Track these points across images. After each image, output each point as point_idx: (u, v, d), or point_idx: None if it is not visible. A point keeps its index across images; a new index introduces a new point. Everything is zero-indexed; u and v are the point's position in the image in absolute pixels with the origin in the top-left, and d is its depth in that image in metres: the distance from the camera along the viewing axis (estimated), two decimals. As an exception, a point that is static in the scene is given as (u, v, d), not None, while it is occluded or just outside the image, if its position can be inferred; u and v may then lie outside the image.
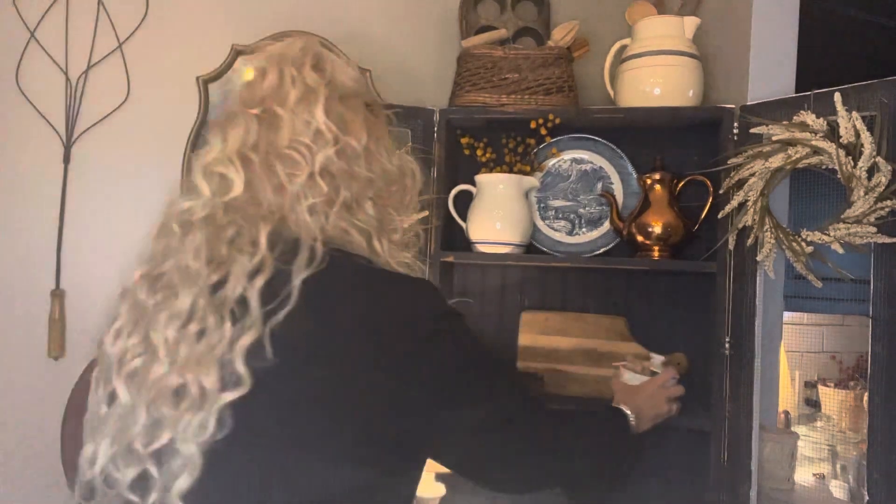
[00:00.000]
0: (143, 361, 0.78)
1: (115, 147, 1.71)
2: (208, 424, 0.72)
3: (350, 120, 0.87)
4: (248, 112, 0.85)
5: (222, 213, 0.81)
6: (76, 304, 1.69)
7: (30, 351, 1.67)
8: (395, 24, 1.79)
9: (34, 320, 1.67)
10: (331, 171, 0.83)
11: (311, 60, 0.88)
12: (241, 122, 0.84)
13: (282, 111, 0.84)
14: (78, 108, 1.70)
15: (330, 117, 0.84)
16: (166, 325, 0.77)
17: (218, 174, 0.83)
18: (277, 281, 0.76)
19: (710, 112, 1.52)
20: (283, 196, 0.81)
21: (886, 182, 1.20)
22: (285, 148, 0.82)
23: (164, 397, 0.75)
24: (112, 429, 0.78)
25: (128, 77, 1.72)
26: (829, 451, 1.77)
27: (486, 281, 1.76)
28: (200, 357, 0.74)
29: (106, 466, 0.77)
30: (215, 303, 0.76)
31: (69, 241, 1.69)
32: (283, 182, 0.81)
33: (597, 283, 1.70)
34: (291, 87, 0.85)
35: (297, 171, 0.81)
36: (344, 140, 0.84)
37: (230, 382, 0.73)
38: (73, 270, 1.69)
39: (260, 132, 0.83)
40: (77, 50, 1.70)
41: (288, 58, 0.88)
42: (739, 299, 1.43)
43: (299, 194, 0.81)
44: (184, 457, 0.73)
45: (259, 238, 0.78)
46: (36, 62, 1.69)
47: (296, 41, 0.90)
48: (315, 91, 0.85)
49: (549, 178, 1.69)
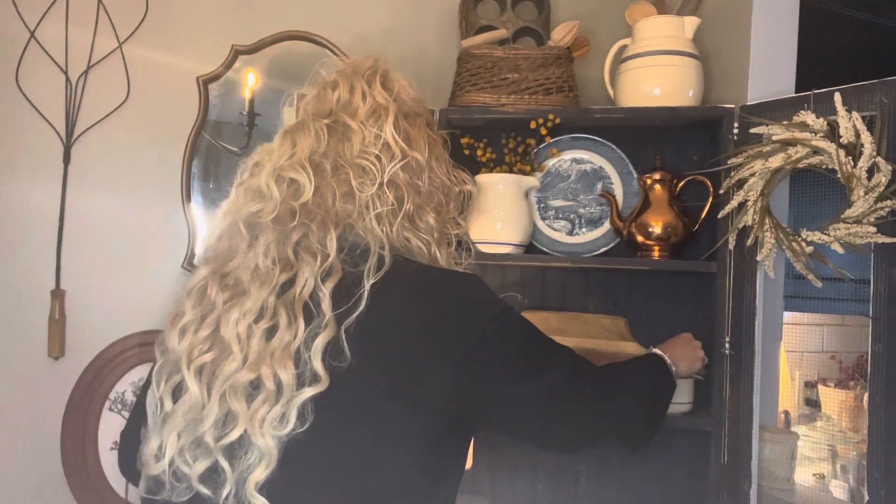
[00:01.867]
0: (212, 357, 0.81)
1: (115, 147, 1.71)
2: (289, 418, 0.76)
3: (414, 136, 0.93)
4: (319, 121, 0.90)
5: (290, 215, 0.85)
6: (76, 304, 1.69)
7: (30, 351, 1.67)
8: (395, 24, 1.79)
9: (34, 320, 1.67)
10: (397, 182, 0.89)
11: (381, 78, 0.95)
12: (312, 131, 0.89)
13: (353, 123, 0.89)
14: (78, 108, 1.70)
15: (397, 132, 0.90)
16: (238, 321, 0.81)
17: (288, 178, 0.87)
18: (348, 283, 0.80)
19: (710, 112, 1.52)
20: (352, 203, 0.87)
21: (886, 182, 1.20)
22: (356, 158, 0.88)
23: (237, 391, 0.78)
24: (180, 423, 0.80)
25: (128, 77, 1.72)
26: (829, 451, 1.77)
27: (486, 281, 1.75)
28: (275, 352, 0.78)
29: (174, 460, 0.80)
30: (285, 301, 0.80)
31: (69, 241, 1.69)
32: (353, 190, 0.87)
33: (597, 283, 1.70)
34: (362, 101, 0.91)
35: (367, 181, 0.87)
36: (410, 154, 0.90)
37: (308, 379, 0.77)
38: (73, 270, 1.69)
39: (329, 141, 0.89)
40: (77, 50, 1.70)
41: (359, 74, 0.94)
42: (739, 299, 1.43)
43: (368, 203, 0.86)
44: (260, 450, 0.76)
45: (328, 242, 0.83)
46: (36, 62, 1.69)
47: (367, 59, 0.97)
48: (385, 107, 0.92)
49: (549, 178, 1.69)
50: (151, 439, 0.82)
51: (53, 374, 1.67)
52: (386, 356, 0.79)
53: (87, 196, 1.70)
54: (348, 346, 0.77)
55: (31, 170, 1.69)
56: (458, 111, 1.60)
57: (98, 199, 1.71)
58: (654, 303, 1.66)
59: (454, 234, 0.97)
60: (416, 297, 0.83)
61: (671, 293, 1.65)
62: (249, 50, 1.74)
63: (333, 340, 0.77)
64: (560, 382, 0.90)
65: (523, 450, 1.65)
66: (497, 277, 1.75)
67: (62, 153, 1.69)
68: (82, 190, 1.70)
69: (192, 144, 1.72)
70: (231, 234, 0.88)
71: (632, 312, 1.66)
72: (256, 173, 0.90)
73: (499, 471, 1.69)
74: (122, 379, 1.69)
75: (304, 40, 1.75)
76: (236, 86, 1.74)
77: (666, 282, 1.66)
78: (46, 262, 1.68)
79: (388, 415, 0.78)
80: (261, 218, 0.86)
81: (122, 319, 1.68)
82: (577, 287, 1.71)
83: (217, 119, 1.74)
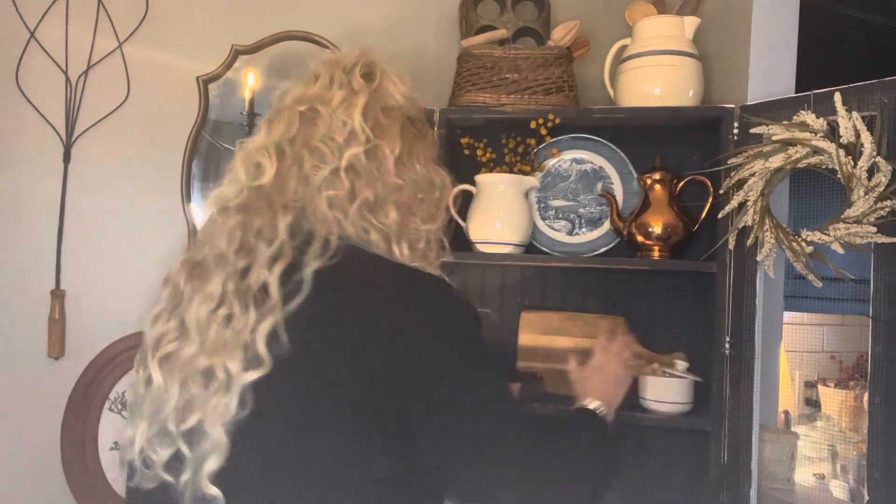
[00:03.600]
0: (177, 345, 0.81)
1: (115, 147, 1.71)
2: (231, 406, 0.75)
3: (387, 126, 0.90)
4: (294, 109, 0.90)
5: (253, 199, 0.85)
6: (76, 304, 1.69)
7: (30, 351, 1.67)
8: (395, 23, 1.79)
9: (34, 320, 1.67)
10: (356, 169, 0.86)
11: (363, 69, 0.93)
12: (286, 117, 0.89)
13: (323, 109, 0.88)
14: (78, 108, 1.70)
15: (367, 121, 0.88)
16: (198, 308, 0.81)
17: (255, 162, 0.87)
18: (293, 269, 0.79)
19: (710, 112, 1.52)
20: (307, 187, 0.85)
21: (886, 182, 1.20)
22: (317, 141, 0.86)
23: (194, 378, 0.78)
24: (148, 411, 0.81)
25: (128, 77, 1.72)
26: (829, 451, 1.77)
27: (486, 281, 1.76)
28: (227, 342, 0.78)
29: (144, 447, 0.81)
30: (241, 289, 0.80)
31: (69, 241, 1.69)
32: (308, 173, 0.85)
33: (597, 283, 1.70)
34: (338, 89, 0.90)
35: (323, 165, 0.85)
36: (376, 143, 0.88)
37: (252, 363, 0.76)
38: (73, 270, 1.69)
39: (300, 127, 0.88)
40: (77, 50, 1.70)
41: (341, 64, 0.93)
42: (739, 299, 1.43)
43: (321, 186, 0.84)
44: (212, 439, 0.75)
45: (279, 225, 0.82)
46: (36, 62, 1.69)
47: (354, 50, 0.96)
48: (357, 94, 0.90)
49: (549, 178, 1.69)
50: (128, 427, 0.84)
51: (53, 374, 1.67)
52: (325, 348, 0.77)
53: (87, 196, 1.70)
54: (288, 334, 0.75)
55: (31, 170, 1.69)
56: (458, 111, 1.60)
57: (98, 199, 1.71)
58: (653, 303, 1.66)
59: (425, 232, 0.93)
60: (365, 290, 0.80)
61: (671, 293, 1.65)
62: (249, 50, 1.74)
63: (277, 328, 0.76)
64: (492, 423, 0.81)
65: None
66: (497, 277, 1.75)
67: (62, 153, 1.69)
68: (82, 190, 1.70)
69: (192, 144, 1.72)
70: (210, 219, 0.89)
71: (631, 312, 1.66)
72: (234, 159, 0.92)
73: (499, 471, 1.69)
74: (122, 379, 1.69)
75: (303, 40, 1.75)
76: (236, 86, 1.74)
77: (666, 282, 1.66)
78: (46, 262, 1.68)
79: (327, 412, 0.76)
80: (229, 202, 0.86)
81: (122, 319, 1.68)
82: (577, 287, 1.71)
83: (217, 119, 1.75)
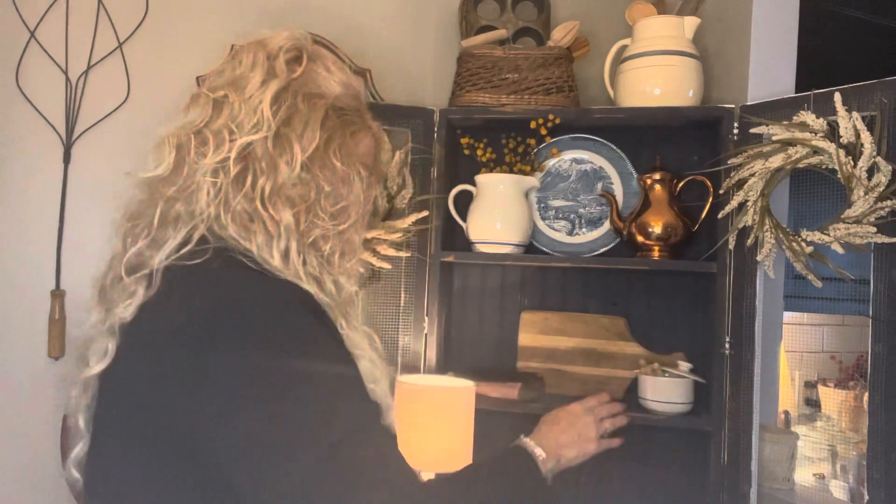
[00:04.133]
0: None
1: (115, 147, 1.71)
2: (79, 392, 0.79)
3: (303, 116, 0.80)
4: (208, 95, 0.82)
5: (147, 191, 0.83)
6: (76, 304, 1.69)
7: (30, 351, 1.67)
8: (395, 23, 1.79)
9: (34, 320, 1.67)
10: (254, 157, 0.77)
11: (290, 53, 0.83)
12: (200, 104, 0.83)
13: (234, 96, 0.80)
14: (78, 108, 1.70)
15: (279, 107, 0.79)
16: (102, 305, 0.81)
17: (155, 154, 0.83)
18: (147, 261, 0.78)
19: (710, 112, 1.52)
20: (191, 177, 0.78)
21: (886, 182, 1.20)
22: (212, 129, 0.79)
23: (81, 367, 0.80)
24: None
25: (128, 77, 1.72)
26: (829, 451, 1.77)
27: (486, 281, 1.76)
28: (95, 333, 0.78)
29: None
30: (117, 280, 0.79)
31: (69, 241, 1.69)
32: (192, 161, 0.78)
33: (597, 283, 1.70)
34: (258, 73, 0.81)
35: (209, 152, 0.77)
36: (283, 132, 0.78)
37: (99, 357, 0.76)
38: (73, 270, 1.69)
39: (210, 115, 0.81)
40: (77, 50, 1.70)
41: (266, 48, 0.84)
42: (739, 299, 1.43)
43: (205, 175, 0.76)
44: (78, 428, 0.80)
45: (154, 219, 0.79)
46: (36, 62, 1.69)
47: (283, 33, 0.85)
48: (275, 78, 0.81)
49: (549, 178, 1.69)
50: None
51: (53, 374, 1.67)
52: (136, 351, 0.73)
53: (87, 196, 1.70)
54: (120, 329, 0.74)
55: (31, 170, 1.69)
56: (458, 111, 1.60)
57: (98, 199, 1.71)
58: (653, 303, 1.66)
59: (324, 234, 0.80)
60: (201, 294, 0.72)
61: (671, 293, 1.65)
62: (249, 50, 1.74)
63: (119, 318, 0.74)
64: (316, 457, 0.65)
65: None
66: (497, 277, 1.75)
67: (62, 153, 1.69)
68: (82, 190, 1.70)
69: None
70: None
71: (632, 312, 1.66)
72: None
73: (499, 471, 1.69)
74: (122, 379, 1.69)
75: (304, 40, 1.75)
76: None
77: (666, 282, 1.66)
78: (46, 262, 1.68)
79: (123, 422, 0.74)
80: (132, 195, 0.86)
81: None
82: (577, 287, 1.71)
83: (217, 119, 1.74)
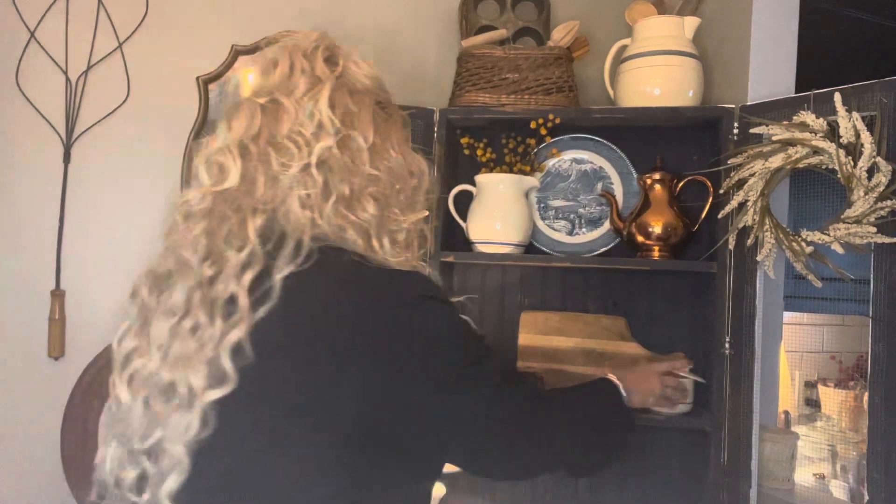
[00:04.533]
0: (143, 359, 0.78)
1: (115, 147, 1.71)
2: (192, 424, 0.71)
3: (357, 114, 0.84)
4: (254, 101, 0.83)
5: (219, 203, 0.79)
6: (76, 304, 1.69)
7: (30, 351, 1.67)
8: (396, 23, 1.79)
9: (34, 320, 1.67)
10: (329, 163, 0.80)
11: (324, 53, 0.86)
12: (246, 112, 0.83)
13: (287, 101, 0.82)
14: (78, 108, 1.70)
15: (335, 110, 0.82)
16: (161, 321, 0.76)
17: (217, 164, 0.81)
18: (264, 276, 0.74)
19: (710, 112, 1.52)
20: (276, 187, 0.79)
21: (886, 182, 1.20)
22: (284, 138, 0.80)
23: (156, 394, 0.74)
24: (118, 430, 0.78)
25: (128, 77, 1.72)
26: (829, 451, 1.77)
27: (486, 281, 1.76)
28: (190, 355, 0.73)
29: (114, 467, 0.77)
30: (207, 299, 0.74)
31: (69, 241, 1.69)
32: (276, 172, 0.79)
33: (597, 283, 1.70)
34: (301, 77, 0.83)
35: (292, 162, 0.79)
36: (347, 133, 0.82)
37: (216, 380, 0.71)
38: (73, 270, 1.69)
39: (263, 122, 0.82)
40: (77, 50, 1.70)
41: (300, 49, 0.86)
42: (739, 299, 1.43)
43: (292, 185, 0.78)
44: (172, 457, 0.72)
45: (248, 231, 0.76)
46: (36, 62, 1.69)
47: (311, 33, 0.88)
48: (322, 82, 0.83)
49: (549, 178, 1.69)
50: (101, 446, 0.81)
51: (53, 374, 1.67)
52: (293, 358, 0.72)
53: (87, 196, 1.70)
54: (254, 345, 0.71)
55: (31, 170, 1.69)
56: (458, 111, 1.60)
57: (98, 199, 1.71)
58: (654, 303, 1.66)
59: (403, 226, 0.86)
60: (340, 293, 0.75)
61: (671, 293, 1.65)
62: (249, 50, 1.74)
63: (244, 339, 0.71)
64: (488, 400, 0.81)
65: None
66: (497, 277, 1.75)
67: (62, 153, 1.69)
68: (82, 190, 1.70)
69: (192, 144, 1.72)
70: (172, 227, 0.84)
71: (632, 312, 1.66)
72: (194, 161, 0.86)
73: (499, 471, 1.69)
74: (122, 379, 1.69)
75: (304, 40, 1.75)
76: (236, 86, 1.74)
77: (666, 282, 1.66)
78: (46, 262, 1.68)
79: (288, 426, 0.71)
80: (192, 207, 0.81)
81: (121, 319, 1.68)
82: (577, 287, 1.71)
83: (217, 119, 1.72)
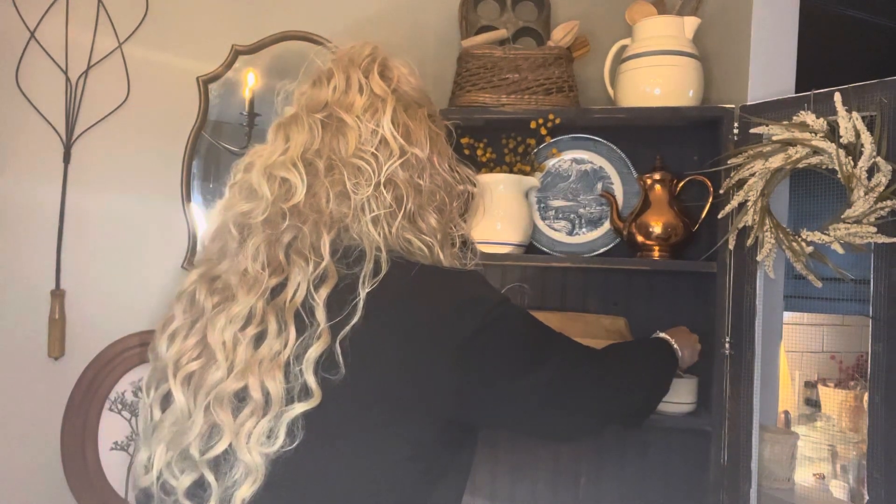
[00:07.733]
0: (200, 364, 0.77)
1: (115, 147, 1.71)
2: (277, 434, 0.71)
3: (414, 131, 0.86)
4: (313, 116, 0.84)
5: (281, 217, 0.80)
6: (76, 304, 1.69)
7: (30, 351, 1.67)
8: (395, 24, 1.79)
9: (34, 320, 1.67)
10: (395, 181, 0.82)
11: (379, 67, 0.88)
12: (306, 126, 0.83)
13: (348, 118, 0.83)
14: (78, 108, 1.70)
15: (396, 127, 0.83)
16: (224, 328, 0.76)
17: (279, 177, 0.82)
18: (342, 290, 0.75)
19: (710, 112, 1.52)
20: (347, 205, 0.80)
21: (886, 182, 1.20)
22: (351, 156, 0.81)
23: (222, 402, 0.74)
24: (167, 434, 0.77)
25: (128, 77, 1.72)
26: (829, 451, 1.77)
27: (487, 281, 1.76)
28: (263, 362, 0.73)
29: (161, 472, 0.77)
30: (275, 307, 0.75)
31: (69, 241, 1.69)
32: (348, 191, 0.81)
33: (597, 283, 1.70)
34: (358, 94, 0.84)
35: (363, 181, 0.81)
36: (409, 150, 0.84)
37: (299, 394, 0.72)
38: (73, 270, 1.69)
39: (324, 137, 0.83)
40: (77, 50, 1.70)
41: (356, 63, 0.87)
42: (739, 299, 1.43)
43: (364, 205, 0.80)
44: (246, 465, 0.72)
45: (322, 245, 0.78)
46: (36, 62, 1.69)
47: (365, 46, 0.89)
48: (383, 100, 0.84)
49: (549, 178, 1.69)
50: (141, 450, 0.80)
51: (53, 374, 1.67)
52: (381, 365, 0.75)
53: (87, 196, 1.70)
54: (343, 359, 0.72)
55: (31, 170, 1.69)
56: (458, 111, 1.60)
57: (98, 199, 1.71)
58: (654, 303, 1.66)
59: (458, 234, 0.92)
60: (413, 298, 0.78)
61: (671, 293, 1.66)
62: (249, 50, 1.74)
63: (327, 352, 0.73)
64: (560, 371, 0.87)
65: (524, 449, 1.65)
66: (497, 277, 1.75)
67: (62, 153, 1.69)
68: (82, 190, 1.70)
69: (192, 144, 1.71)
70: (222, 235, 0.84)
71: (632, 312, 1.66)
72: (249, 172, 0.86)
73: (499, 470, 1.69)
74: (122, 379, 1.69)
75: (304, 40, 1.75)
76: (236, 86, 1.74)
77: (666, 282, 1.66)
78: (46, 262, 1.68)
79: (383, 426, 0.74)
80: (251, 219, 0.81)
81: (122, 319, 1.68)
82: (577, 287, 1.71)
83: (217, 119, 1.74)
